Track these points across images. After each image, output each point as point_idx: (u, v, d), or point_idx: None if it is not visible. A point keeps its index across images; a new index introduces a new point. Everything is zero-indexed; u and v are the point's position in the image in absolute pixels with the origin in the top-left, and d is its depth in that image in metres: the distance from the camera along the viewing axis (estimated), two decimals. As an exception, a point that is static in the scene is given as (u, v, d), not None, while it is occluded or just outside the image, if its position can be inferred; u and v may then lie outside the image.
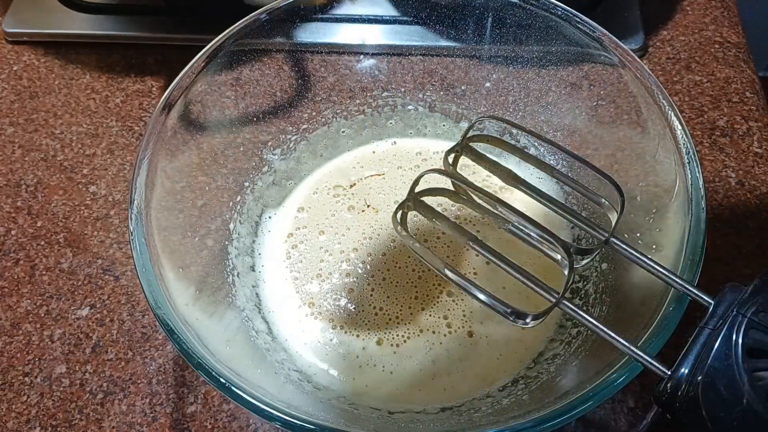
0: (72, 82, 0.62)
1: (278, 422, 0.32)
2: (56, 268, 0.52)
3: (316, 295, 0.47)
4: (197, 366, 0.33)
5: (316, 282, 0.48)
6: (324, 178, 0.53)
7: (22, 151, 0.58)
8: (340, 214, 0.51)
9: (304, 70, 0.53)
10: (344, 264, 0.48)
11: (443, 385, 0.43)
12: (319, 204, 0.52)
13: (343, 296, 0.47)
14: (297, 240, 0.50)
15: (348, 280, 0.47)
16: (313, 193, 0.52)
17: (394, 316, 0.46)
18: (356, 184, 0.52)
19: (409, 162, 0.53)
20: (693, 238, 0.35)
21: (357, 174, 0.53)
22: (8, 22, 0.65)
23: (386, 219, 0.50)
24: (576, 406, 0.31)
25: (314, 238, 0.50)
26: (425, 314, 0.46)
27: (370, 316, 0.46)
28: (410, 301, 0.46)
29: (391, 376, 0.44)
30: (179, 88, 0.43)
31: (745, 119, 0.57)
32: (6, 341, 0.49)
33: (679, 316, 0.33)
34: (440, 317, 0.46)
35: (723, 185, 0.53)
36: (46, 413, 0.46)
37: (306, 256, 0.49)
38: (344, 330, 0.46)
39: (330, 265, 0.48)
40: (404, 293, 0.47)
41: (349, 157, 0.54)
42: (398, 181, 0.52)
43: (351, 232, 0.50)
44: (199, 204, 0.46)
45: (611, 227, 0.34)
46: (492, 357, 0.44)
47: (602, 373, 0.32)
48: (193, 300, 0.39)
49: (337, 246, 0.49)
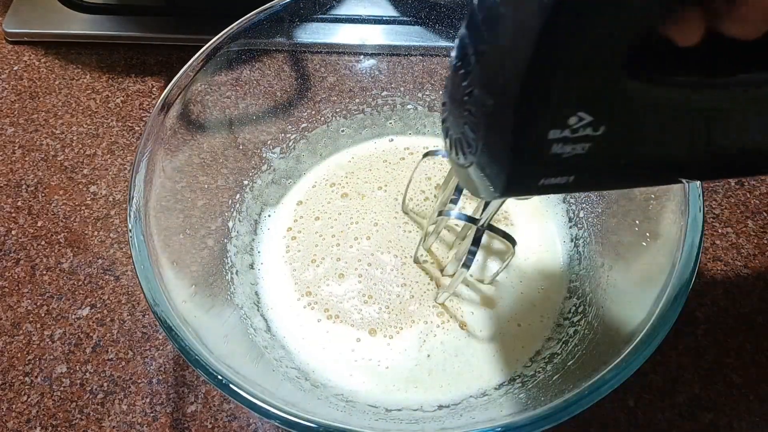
0: (72, 83, 0.63)
1: (276, 420, 0.32)
2: (57, 267, 0.52)
3: (312, 282, 0.48)
4: (195, 363, 0.34)
5: (312, 268, 0.49)
6: (322, 173, 0.54)
7: (23, 151, 0.58)
8: (335, 201, 0.52)
9: (304, 70, 0.53)
10: (335, 248, 0.50)
11: (439, 382, 0.43)
12: (317, 195, 0.53)
13: (335, 283, 0.48)
14: (295, 231, 0.51)
15: (340, 264, 0.49)
16: (312, 186, 0.54)
17: (384, 305, 0.46)
18: (349, 175, 0.54)
19: (395, 156, 0.55)
20: (690, 237, 0.35)
21: (352, 167, 0.55)
22: (8, 22, 0.65)
23: (371, 204, 0.52)
24: (572, 404, 0.31)
25: (310, 224, 0.51)
26: (414, 303, 0.46)
27: (360, 304, 0.47)
28: (397, 289, 0.47)
29: (387, 371, 0.44)
30: (178, 87, 0.43)
31: (745, 119, 0.57)
32: (6, 341, 0.49)
33: (676, 314, 0.33)
34: (429, 306, 0.46)
35: (723, 185, 0.53)
36: (47, 413, 0.46)
37: (303, 244, 0.50)
38: (340, 320, 0.46)
39: (323, 250, 0.50)
40: (391, 280, 0.48)
41: (347, 154, 0.55)
42: (382, 172, 0.54)
43: (342, 217, 0.51)
44: (199, 204, 0.46)
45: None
46: (488, 354, 0.44)
47: (598, 371, 0.32)
48: (192, 298, 0.39)
49: (329, 230, 0.51)
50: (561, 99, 0.23)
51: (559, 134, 0.23)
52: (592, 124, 0.23)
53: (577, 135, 0.23)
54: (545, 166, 0.25)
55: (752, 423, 0.43)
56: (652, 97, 0.24)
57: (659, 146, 0.25)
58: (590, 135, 0.24)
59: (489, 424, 0.32)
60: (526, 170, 0.25)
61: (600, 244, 0.46)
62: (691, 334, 0.47)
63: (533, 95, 0.22)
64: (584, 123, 0.23)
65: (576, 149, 0.24)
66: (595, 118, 0.23)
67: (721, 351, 0.46)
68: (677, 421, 0.44)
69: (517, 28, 0.22)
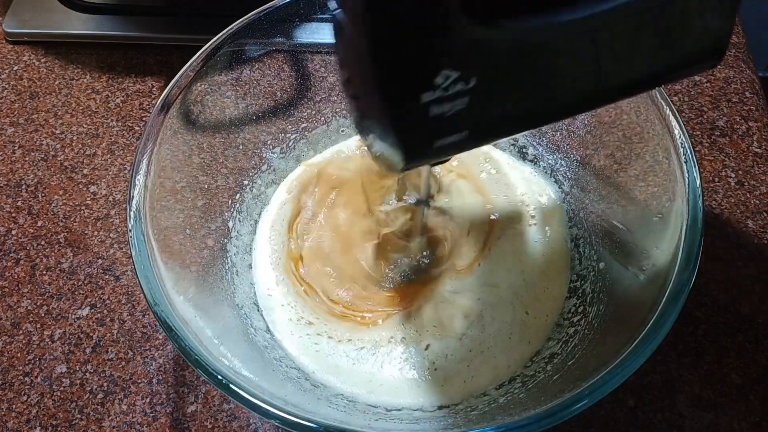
0: (72, 82, 0.63)
1: (276, 420, 0.32)
2: (57, 267, 0.52)
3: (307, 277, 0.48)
4: (195, 363, 0.34)
5: (308, 263, 0.49)
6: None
7: (23, 151, 0.58)
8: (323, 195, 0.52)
9: (304, 70, 0.53)
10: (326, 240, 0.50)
11: (439, 382, 0.43)
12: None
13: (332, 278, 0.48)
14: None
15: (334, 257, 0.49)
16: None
17: (374, 300, 0.47)
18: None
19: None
20: (690, 237, 0.35)
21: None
22: (8, 22, 0.65)
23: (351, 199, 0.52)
24: (572, 404, 0.31)
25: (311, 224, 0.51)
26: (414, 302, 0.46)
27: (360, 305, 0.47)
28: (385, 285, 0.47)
29: (387, 372, 0.44)
30: (177, 87, 0.43)
31: (745, 119, 0.57)
32: (6, 341, 0.49)
33: (676, 313, 0.33)
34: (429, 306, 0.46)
35: (723, 185, 0.53)
36: (47, 413, 0.46)
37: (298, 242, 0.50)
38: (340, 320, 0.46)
39: (317, 243, 0.49)
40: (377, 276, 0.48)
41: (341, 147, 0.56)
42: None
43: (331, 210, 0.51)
44: (199, 204, 0.46)
45: None
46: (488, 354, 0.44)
47: (599, 371, 0.32)
48: (192, 298, 0.39)
49: (319, 220, 0.51)
50: (415, 63, 0.23)
51: (433, 96, 0.23)
52: (461, 78, 0.23)
53: (452, 92, 0.24)
54: (433, 129, 0.25)
55: (752, 423, 0.43)
56: (506, 35, 0.24)
57: (539, 81, 0.26)
58: (464, 89, 0.24)
59: (489, 424, 0.32)
60: (414, 137, 0.25)
61: (600, 244, 0.46)
62: (691, 334, 0.47)
63: (386, 67, 0.23)
64: (453, 79, 0.23)
65: (456, 105, 0.24)
66: (460, 72, 0.23)
67: (721, 351, 0.46)
68: (677, 421, 0.44)
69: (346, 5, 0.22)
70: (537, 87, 0.26)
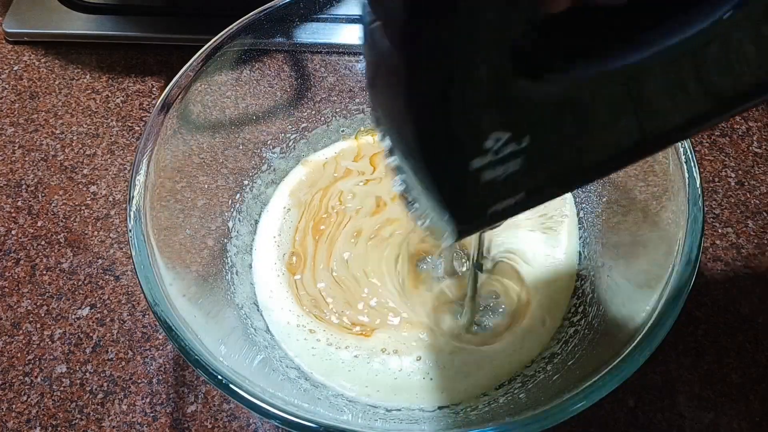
0: (72, 83, 0.63)
1: (276, 420, 0.32)
2: (56, 267, 0.52)
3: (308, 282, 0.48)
4: (195, 363, 0.34)
5: (309, 269, 0.48)
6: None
7: (23, 151, 0.58)
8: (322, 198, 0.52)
9: (304, 70, 0.53)
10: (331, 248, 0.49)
11: (439, 382, 0.43)
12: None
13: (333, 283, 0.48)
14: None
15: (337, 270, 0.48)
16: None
17: (382, 306, 0.46)
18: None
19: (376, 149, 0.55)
20: (690, 238, 0.35)
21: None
22: (8, 22, 0.65)
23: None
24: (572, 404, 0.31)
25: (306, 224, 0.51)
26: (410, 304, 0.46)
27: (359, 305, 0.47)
28: (396, 290, 0.47)
29: (387, 371, 0.44)
30: (178, 87, 0.43)
31: (745, 119, 0.57)
32: (6, 341, 0.49)
33: (676, 314, 0.33)
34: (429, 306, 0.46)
35: (723, 185, 0.53)
36: (47, 413, 0.46)
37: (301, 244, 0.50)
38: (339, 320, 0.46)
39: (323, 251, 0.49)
40: (389, 281, 0.47)
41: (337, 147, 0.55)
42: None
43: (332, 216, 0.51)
44: (199, 204, 0.46)
45: None
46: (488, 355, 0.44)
47: (599, 371, 0.32)
48: (192, 297, 0.39)
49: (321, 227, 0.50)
50: (461, 130, 0.21)
51: (483, 161, 0.22)
52: (512, 139, 0.22)
53: (503, 154, 0.22)
54: (486, 196, 0.24)
55: (752, 423, 0.43)
56: (556, 89, 0.22)
57: (592, 135, 0.24)
58: (517, 150, 0.22)
59: (489, 424, 0.32)
60: (467, 207, 0.24)
61: (600, 244, 0.46)
62: (691, 334, 0.47)
63: (432, 141, 0.21)
64: (504, 141, 0.22)
65: (509, 168, 0.23)
66: (511, 132, 0.22)
67: (721, 351, 0.46)
68: (677, 421, 0.44)
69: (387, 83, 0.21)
70: (591, 137, 0.24)
